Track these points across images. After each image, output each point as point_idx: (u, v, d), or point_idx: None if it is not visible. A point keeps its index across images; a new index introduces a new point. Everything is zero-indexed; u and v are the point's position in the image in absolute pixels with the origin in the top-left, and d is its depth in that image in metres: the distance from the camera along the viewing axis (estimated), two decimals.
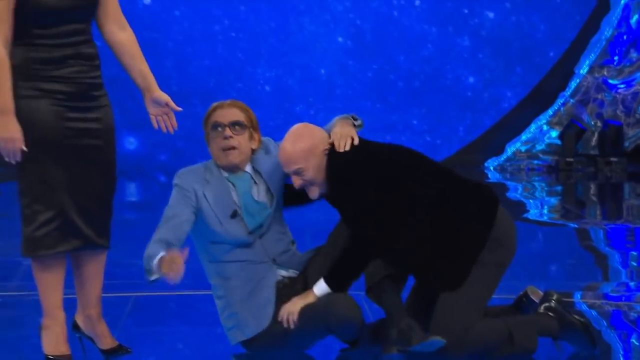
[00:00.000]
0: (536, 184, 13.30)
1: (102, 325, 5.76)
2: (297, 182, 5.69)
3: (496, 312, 5.90)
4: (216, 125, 5.74)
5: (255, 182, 5.80)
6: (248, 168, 5.80)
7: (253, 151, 5.81)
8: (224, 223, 5.70)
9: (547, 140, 14.28)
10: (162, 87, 5.81)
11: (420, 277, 5.79)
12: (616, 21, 14.08)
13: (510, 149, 14.21)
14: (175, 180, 5.72)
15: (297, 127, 5.75)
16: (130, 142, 13.71)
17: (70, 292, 5.68)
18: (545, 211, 11.88)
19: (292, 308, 5.61)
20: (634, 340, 6.46)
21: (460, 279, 5.70)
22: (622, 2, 14.03)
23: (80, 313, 5.77)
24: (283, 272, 5.80)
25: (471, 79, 14.10)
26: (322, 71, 13.99)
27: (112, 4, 5.56)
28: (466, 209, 5.79)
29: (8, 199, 12.48)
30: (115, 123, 5.60)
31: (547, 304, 5.86)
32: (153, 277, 5.38)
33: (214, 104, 5.80)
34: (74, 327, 5.79)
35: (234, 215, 5.71)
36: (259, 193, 5.79)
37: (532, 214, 11.67)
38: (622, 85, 14.25)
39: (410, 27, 13.94)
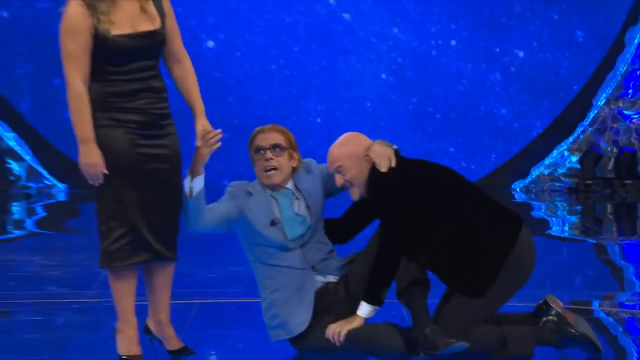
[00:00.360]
0: (558, 203, 13.25)
1: (170, 328, 5.75)
2: (339, 180, 5.70)
3: (516, 319, 5.84)
4: (258, 149, 5.74)
5: (296, 198, 5.78)
6: (290, 185, 5.78)
7: (294, 169, 5.79)
8: (264, 230, 5.67)
9: (568, 165, 14.23)
10: (225, 120, 5.83)
11: (444, 281, 5.74)
12: (630, 58, 14.04)
13: (534, 172, 14.18)
14: (227, 188, 5.78)
15: (346, 134, 5.76)
16: None
17: (141, 298, 5.67)
18: (566, 228, 11.84)
19: (340, 329, 5.57)
20: None
21: (480, 292, 5.65)
22: (636, 41, 13.99)
23: (152, 318, 5.75)
24: (321, 278, 5.76)
25: (503, 111, 14.05)
26: (368, 104, 13.99)
27: (176, 43, 5.56)
28: (492, 227, 5.73)
29: (86, 218, 12.52)
30: (182, 151, 5.59)
31: (545, 318, 5.80)
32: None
33: (257, 129, 5.79)
34: (145, 330, 5.77)
35: (273, 223, 5.69)
36: (300, 207, 5.77)
37: (555, 230, 11.64)
38: (635, 116, 14.20)
39: (447, 65, 13.93)
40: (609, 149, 14.23)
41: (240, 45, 13.85)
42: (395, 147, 5.76)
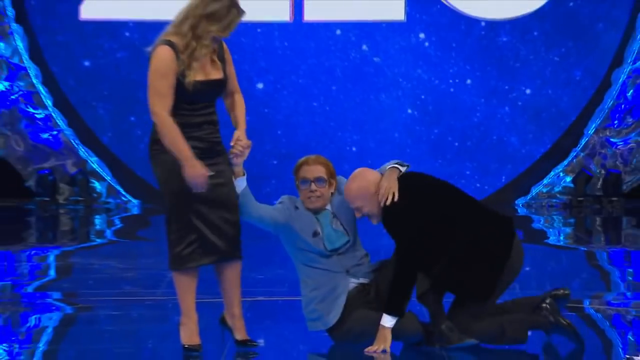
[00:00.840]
0: (554, 217, 13.18)
1: (241, 321, 5.76)
2: (357, 214, 5.72)
3: (512, 307, 5.83)
4: (304, 181, 5.80)
5: (334, 216, 5.81)
6: (328, 206, 5.81)
7: (332, 194, 5.83)
8: (307, 238, 5.73)
9: (563, 184, 14.15)
10: (274, 149, 5.96)
11: (454, 292, 5.75)
12: (616, 94, 13.95)
13: (534, 191, 14.09)
14: (279, 199, 5.85)
15: (356, 172, 5.78)
16: None
17: (214, 296, 5.68)
18: (561, 238, 11.78)
19: (377, 347, 5.59)
20: (629, 337, 6.38)
21: (487, 297, 5.67)
22: (620, 80, 13.92)
23: (227, 311, 5.77)
24: (354, 280, 5.77)
25: (512, 139, 14.00)
26: (395, 135, 13.98)
27: (232, 82, 5.70)
28: (491, 234, 5.73)
29: (155, 228, 12.55)
30: None
31: (541, 305, 5.79)
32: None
33: (302, 160, 5.86)
34: (221, 321, 5.81)
35: (315, 234, 5.75)
36: (337, 224, 5.80)
37: (552, 240, 11.58)
38: (620, 143, 14.11)
39: (463, 100, 13.90)
40: (597, 171, 14.14)
41: (287, 86, 13.87)
42: (406, 166, 5.78)
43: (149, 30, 13.88)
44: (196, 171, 5.43)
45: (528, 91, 13.90)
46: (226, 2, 5.47)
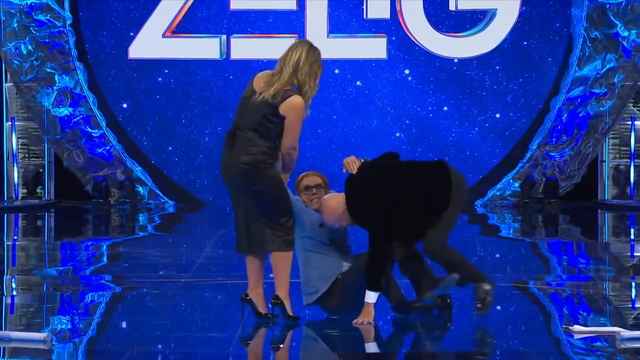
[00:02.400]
0: (506, 215, 13.17)
1: (262, 298, 5.69)
2: (340, 228, 5.74)
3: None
4: (307, 188, 5.88)
5: None
6: None
7: None
8: (315, 228, 5.78)
9: (512, 189, 14.14)
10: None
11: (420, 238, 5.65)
12: (553, 118, 13.96)
13: (490, 194, 14.08)
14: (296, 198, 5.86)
15: (323, 205, 5.75)
16: None
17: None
18: (511, 232, 11.76)
19: (364, 320, 5.55)
20: (565, 311, 6.36)
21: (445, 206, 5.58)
22: (557, 106, 13.93)
23: (252, 290, 5.68)
24: (346, 264, 5.79)
25: (484, 155, 13.96)
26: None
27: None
28: (434, 183, 5.66)
29: (187, 224, 12.56)
30: None
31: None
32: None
33: (303, 174, 5.96)
34: (242, 299, 5.70)
35: (321, 225, 5.80)
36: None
37: (504, 233, 11.56)
38: (557, 156, 14.11)
39: (441, 124, 13.92)
40: (539, 178, 14.12)
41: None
42: (366, 159, 5.91)
43: (181, 70, 13.91)
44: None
45: (498, 115, 13.86)
46: (319, 51, 5.63)
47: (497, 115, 13.90)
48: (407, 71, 13.83)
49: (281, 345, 5.40)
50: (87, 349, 5.25)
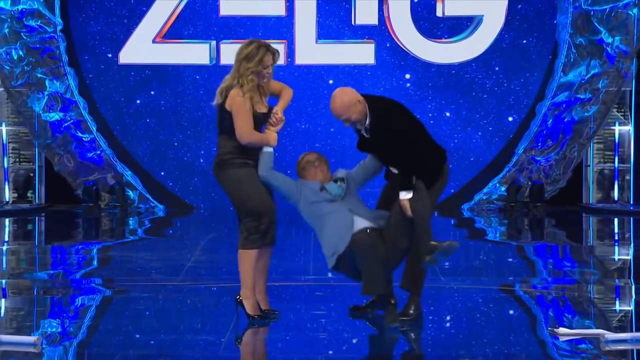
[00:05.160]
0: (492, 218, 13.19)
1: (265, 295, 5.88)
2: (346, 124, 5.87)
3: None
4: (309, 162, 6.04)
5: (336, 181, 5.98)
6: (331, 179, 6.05)
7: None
8: (317, 192, 5.93)
9: (499, 192, 14.16)
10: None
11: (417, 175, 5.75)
12: (539, 123, 14.00)
13: (477, 197, 14.10)
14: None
15: (334, 93, 5.95)
16: None
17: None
18: (497, 235, 11.78)
19: (405, 209, 5.65)
20: (550, 313, 6.38)
21: (432, 183, 5.77)
22: (542, 111, 13.96)
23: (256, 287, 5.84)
24: (358, 219, 5.88)
25: (489, 157, 13.92)
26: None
27: (275, 86, 5.94)
28: (437, 151, 5.84)
29: (177, 228, 12.51)
30: None
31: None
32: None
33: (302, 155, 6.13)
34: (236, 300, 5.85)
35: (322, 188, 5.95)
36: (338, 182, 5.99)
37: (490, 236, 11.57)
38: (543, 160, 14.15)
39: (443, 129, 13.99)
40: (525, 182, 14.16)
41: (291, 132, 13.45)
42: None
43: (167, 73, 13.90)
44: (273, 136, 5.77)
45: (492, 117, 13.86)
46: (255, 44, 5.71)
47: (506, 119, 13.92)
48: (407, 75, 13.76)
49: (262, 345, 5.40)
50: (77, 352, 5.23)
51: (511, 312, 6.42)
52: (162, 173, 13.89)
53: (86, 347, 5.39)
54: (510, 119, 14.01)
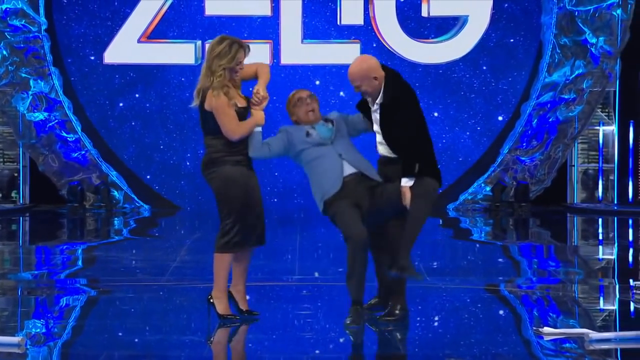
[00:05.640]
0: (477, 218, 13.22)
1: (244, 295, 5.87)
2: (356, 90, 5.79)
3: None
4: (301, 99, 5.95)
5: (326, 120, 5.93)
6: (321, 120, 5.96)
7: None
8: (304, 139, 5.85)
9: (484, 192, 14.20)
10: (273, 189, 6.04)
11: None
12: (524, 123, 14.04)
13: (462, 197, 14.14)
14: (279, 129, 5.95)
15: (358, 57, 5.89)
16: None
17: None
18: (483, 235, 11.80)
19: (406, 201, 5.61)
20: (535, 313, 6.39)
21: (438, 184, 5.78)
22: (527, 112, 14.02)
23: (234, 287, 5.83)
24: (347, 165, 5.81)
25: (477, 157, 13.95)
26: None
27: (250, 69, 5.91)
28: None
29: (163, 228, 12.47)
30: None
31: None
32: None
33: (293, 92, 6.02)
34: (208, 301, 5.82)
35: (308, 134, 5.86)
36: (328, 124, 5.92)
37: (475, 236, 11.58)
38: (527, 160, 14.20)
39: (431, 129, 14.07)
40: (510, 182, 14.20)
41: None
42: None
43: (152, 76, 13.86)
44: (260, 115, 5.76)
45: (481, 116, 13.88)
46: (227, 42, 5.67)
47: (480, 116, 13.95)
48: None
49: (246, 345, 5.39)
50: (61, 353, 5.21)
51: (496, 311, 6.43)
52: (148, 177, 13.86)
53: (71, 347, 5.37)
54: (500, 118, 14.05)
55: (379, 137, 5.82)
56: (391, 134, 5.67)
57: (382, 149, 5.81)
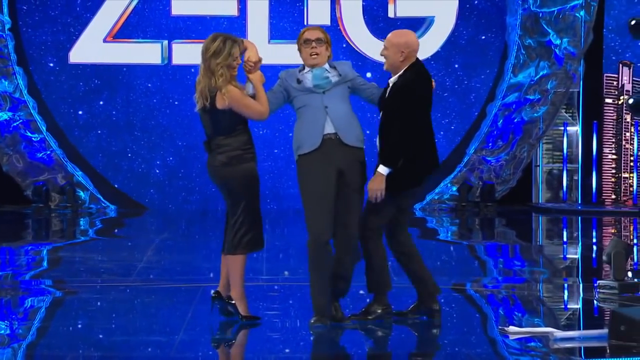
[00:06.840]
0: (444, 218, 13.28)
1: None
2: (381, 53, 5.69)
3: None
4: (307, 40, 5.72)
5: (327, 71, 5.71)
6: (325, 66, 5.73)
7: (328, 58, 5.77)
8: (295, 86, 5.72)
9: (450, 192, 14.27)
10: (264, 194, 5.85)
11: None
12: (489, 123, 14.13)
13: (428, 197, 14.19)
14: (279, 76, 5.84)
15: (402, 29, 5.78)
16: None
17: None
18: (449, 234, 11.85)
19: (378, 186, 5.50)
20: (501, 312, 6.43)
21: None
22: (493, 112, 14.11)
23: (223, 284, 5.77)
24: (330, 123, 5.64)
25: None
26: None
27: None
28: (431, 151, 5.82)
29: (129, 228, 12.40)
30: None
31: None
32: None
33: (305, 27, 5.83)
34: (213, 298, 5.76)
35: (298, 82, 5.69)
36: (330, 74, 5.70)
37: (442, 236, 11.63)
38: (493, 160, 14.29)
39: None
40: (476, 182, 14.29)
41: (265, 138, 13.39)
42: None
43: (118, 82, 13.77)
44: (258, 76, 5.75)
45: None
46: (220, 39, 5.65)
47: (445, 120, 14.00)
48: (369, 74, 13.73)
49: (230, 344, 5.38)
50: (26, 355, 5.16)
51: (463, 311, 6.46)
52: (116, 185, 13.77)
53: (35, 349, 5.32)
54: (476, 114, 14.12)
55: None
56: (386, 117, 5.62)
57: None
